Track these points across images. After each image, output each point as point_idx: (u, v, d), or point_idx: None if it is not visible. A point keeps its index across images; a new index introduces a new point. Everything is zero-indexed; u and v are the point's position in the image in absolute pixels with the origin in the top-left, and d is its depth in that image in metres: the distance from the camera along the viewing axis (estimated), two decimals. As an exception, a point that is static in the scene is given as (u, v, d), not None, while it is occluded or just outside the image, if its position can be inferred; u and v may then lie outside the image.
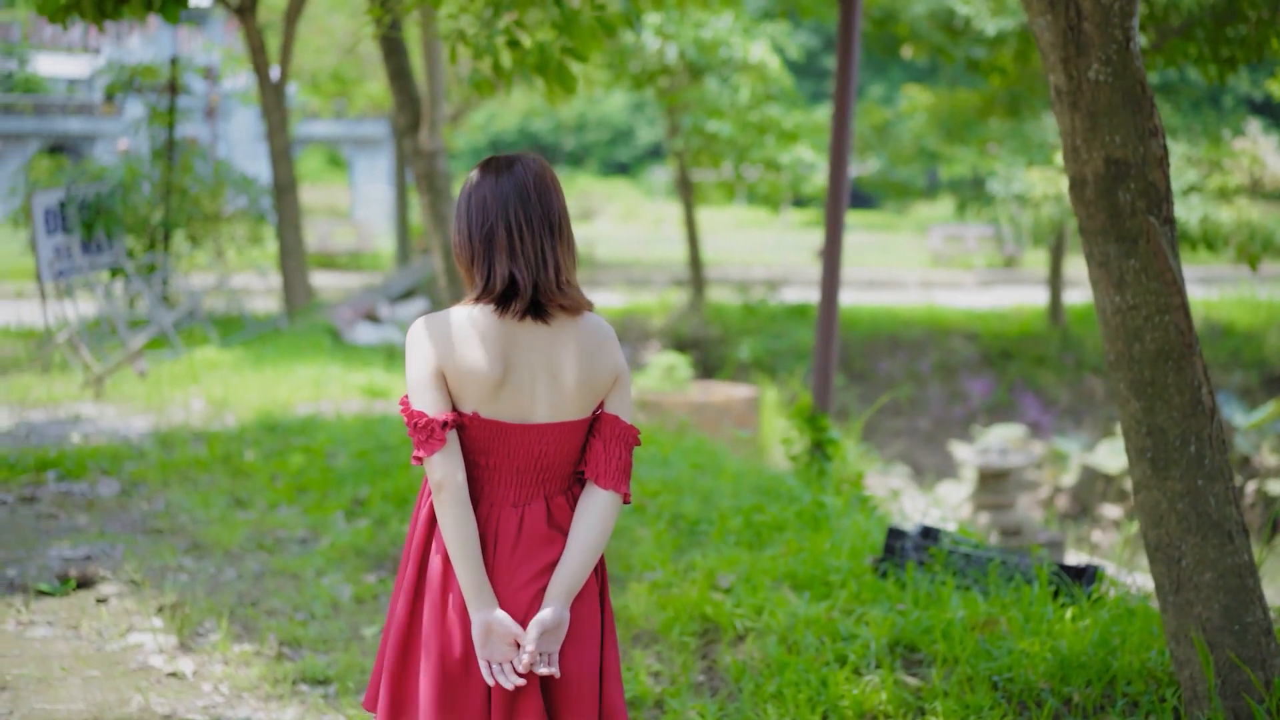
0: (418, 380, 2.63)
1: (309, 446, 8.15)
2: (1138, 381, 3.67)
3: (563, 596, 2.67)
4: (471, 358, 2.62)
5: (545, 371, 2.66)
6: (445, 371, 2.63)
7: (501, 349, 2.64)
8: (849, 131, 6.18)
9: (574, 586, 2.68)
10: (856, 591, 4.62)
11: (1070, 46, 3.67)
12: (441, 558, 2.70)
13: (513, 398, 2.65)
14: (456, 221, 2.73)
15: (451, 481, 2.61)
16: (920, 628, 4.25)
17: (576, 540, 2.69)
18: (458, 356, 2.62)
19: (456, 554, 2.62)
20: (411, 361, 2.65)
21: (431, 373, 2.63)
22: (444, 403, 2.63)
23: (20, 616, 5.29)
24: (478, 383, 2.63)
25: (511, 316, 2.64)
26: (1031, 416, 16.60)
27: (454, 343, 2.63)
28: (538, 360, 2.66)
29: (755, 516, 5.42)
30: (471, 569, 2.62)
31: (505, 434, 2.66)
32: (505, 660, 2.61)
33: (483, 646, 2.62)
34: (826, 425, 6.12)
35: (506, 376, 2.64)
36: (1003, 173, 14.99)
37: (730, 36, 13.56)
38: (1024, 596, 4.39)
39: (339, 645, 5.06)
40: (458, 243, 2.73)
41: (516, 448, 2.67)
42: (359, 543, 6.24)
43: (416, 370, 2.64)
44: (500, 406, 2.65)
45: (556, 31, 5.49)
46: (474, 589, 2.62)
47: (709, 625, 4.55)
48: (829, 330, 6.16)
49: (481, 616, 2.62)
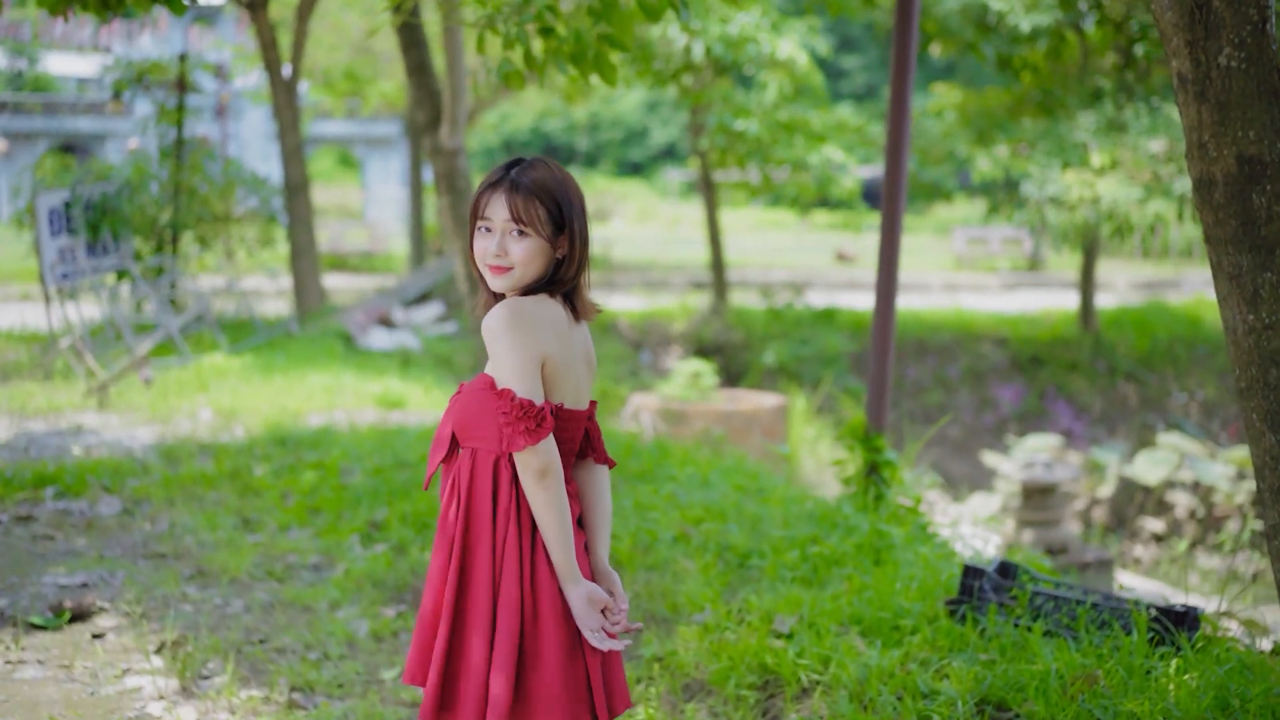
0: (522, 367, 2.69)
1: (322, 462, 7.70)
2: (1275, 412, 3.20)
3: (608, 561, 2.93)
4: (565, 346, 2.77)
5: (583, 360, 2.84)
6: (546, 360, 2.73)
7: (573, 338, 2.81)
8: (906, 131, 5.72)
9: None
10: (931, 638, 4.15)
11: (1198, 28, 3.20)
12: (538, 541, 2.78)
13: (577, 386, 2.82)
14: (576, 216, 2.81)
15: (557, 465, 2.70)
16: (1010, 683, 3.78)
17: (605, 512, 2.94)
18: (557, 345, 2.75)
19: (558, 534, 2.72)
20: (515, 349, 2.68)
21: (535, 360, 2.70)
22: (542, 391, 2.72)
23: (9, 654, 4.84)
24: (566, 370, 2.78)
25: (566, 306, 2.82)
26: (1064, 424, 16.11)
27: (554, 332, 2.75)
28: (580, 350, 2.83)
29: (810, 549, 4.95)
30: (570, 547, 2.74)
31: (576, 420, 2.84)
32: (599, 627, 2.75)
33: (586, 616, 2.74)
34: (883, 446, 5.65)
35: (575, 365, 2.81)
36: (1037, 174, 14.49)
37: (758, 33, 13.08)
38: (1124, 646, 3.91)
39: (356, 690, 4.61)
40: (577, 233, 2.81)
41: (575, 432, 2.85)
42: (376, 571, 5.78)
43: (521, 358, 2.69)
44: (578, 395, 2.83)
45: (593, 18, 5.02)
46: (571, 566, 2.74)
47: (769, 676, 4.08)
48: (885, 342, 5.70)
49: (581, 590, 2.74)
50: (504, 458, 2.75)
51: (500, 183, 2.78)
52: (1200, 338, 18.07)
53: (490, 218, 2.77)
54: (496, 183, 2.78)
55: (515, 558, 2.75)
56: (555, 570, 2.74)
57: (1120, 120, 14.73)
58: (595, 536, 2.90)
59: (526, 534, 2.76)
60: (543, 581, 2.75)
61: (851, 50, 47.79)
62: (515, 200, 2.74)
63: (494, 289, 2.80)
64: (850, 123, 16.59)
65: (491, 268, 2.76)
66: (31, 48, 36.32)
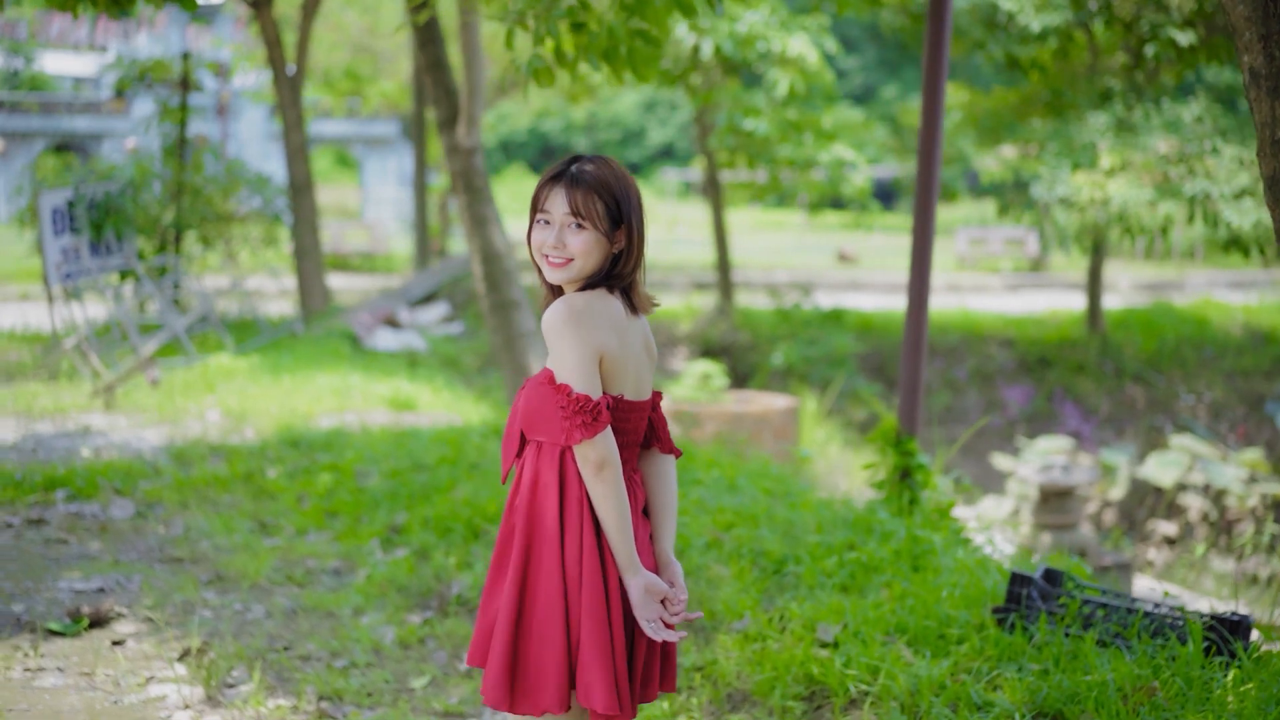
0: (580, 363, 2.73)
1: (336, 464, 7.59)
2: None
3: (672, 551, 2.95)
4: (623, 340, 2.80)
5: (643, 352, 2.88)
6: (604, 354, 2.77)
7: (631, 332, 2.84)
8: (939, 130, 5.61)
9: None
10: (980, 647, 4.05)
11: (1271, 21, 3.10)
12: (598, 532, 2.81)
13: (637, 378, 2.86)
14: (634, 212, 2.85)
15: (615, 458, 2.74)
16: (1066, 694, 3.68)
17: (670, 502, 2.97)
18: (615, 339, 2.78)
19: (617, 526, 2.76)
20: (573, 344, 2.73)
21: (593, 355, 2.74)
22: (600, 385, 2.76)
23: (28, 661, 4.73)
24: (625, 363, 2.81)
25: (624, 301, 2.85)
26: (1072, 426, 16.01)
27: (613, 327, 2.79)
28: (639, 342, 2.87)
29: (848, 555, 4.84)
30: (630, 538, 2.78)
31: (638, 411, 2.87)
32: (656, 618, 2.78)
33: (642, 607, 2.77)
34: (915, 450, 5.55)
35: (634, 357, 2.84)
36: (1047, 175, 14.38)
37: (768, 30, 12.97)
38: (1180, 656, 3.81)
39: (386, 699, 4.50)
40: (634, 228, 2.85)
41: (639, 424, 2.89)
42: (399, 577, 5.67)
43: (579, 353, 2.73)
44: (639, 386, 2.87)
45: (625, 12, 4.91)
46: (631, 556, 2.78)
47: (815, 687, 3.98)
48: (917, 344, 5.59)
49: (639, 580, 2.78)
50: (568, 450, 2.80)
51: (561, 177, 2.83)
52: (1207, 339, 18.00)
53: (549, 211, 2.82)
54: (557, 177, 2.83)
55: (577, 547, 2.80)
56: (615, 560, 2.79)
57: (1130, 121, 14.64)
58: (660, 526, 2.95)
59: (589, 524, 2.80)
60: (607, 570, 2.80)
61: (850, 50, 47.70)
62: (575, 194, 2.79)
63: (550, 281, 2.86)
64: (855, 121, 16.49)
65: (549, 261, 2.82)
66: (28, 47, 36.15)
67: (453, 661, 4.81)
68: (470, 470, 7.00)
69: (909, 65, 50.35)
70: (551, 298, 2.90)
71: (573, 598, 2.79)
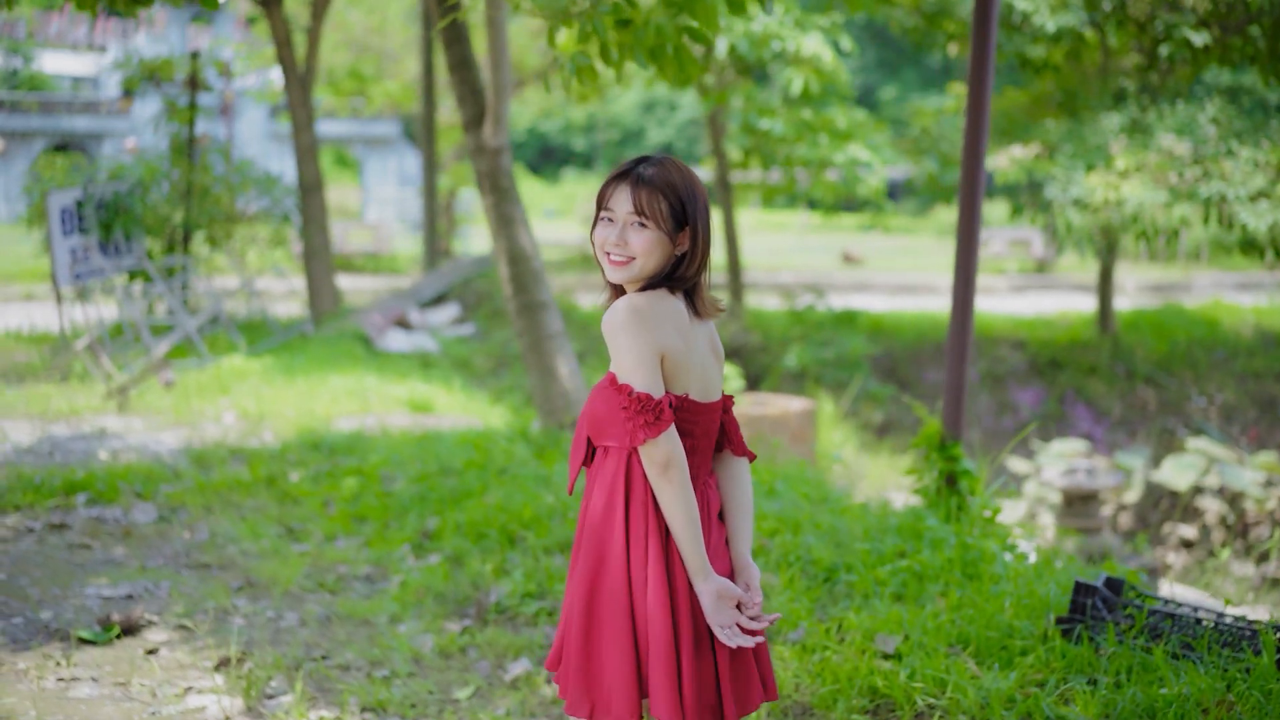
0: (640, 362, 2.68)
1: (361, 468, 7.48)
2: None
3: (750, 555, 2.89)
4: (686, 341, 2.75)
5: (710, 353, 2.83)
6: (665, 354, 2.72)
7: (695, 333, 2.79)
8: (984, 132, 5.51)
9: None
10: (1045, 659, 3.96)
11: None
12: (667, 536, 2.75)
13: (703, 378, 2.80)
14: (699, 214, 2.81)
15: (680, 457, 2.69)
16: (1140, 708, 3.59)
17: (746, 505, 2.90)
18: (677, 339, 2.73)
19: (685, 528, 2.70)
20: (634, 344, 2.69)
21: (654, 354, 2.69)
22: (662, 385, 2.71)
23: (61, 671, 4.63)
24: (688, 363, 2.76)
25: (687, 304, 2.81)
26: (1084, 428, 15.92)
27: (675, 327, 2.74)
28: (704, 344, 2.82)
29: (899, 563, 4.74)
30: (699, 542, 2.71)
31: (706, 413, 2.81)
32: (731, 623, 2.70)
33: (715, 613, 2.70)
34: (960, 455, 5.44)
35: (698, 357, 2.79)
36: (1060, 176, 14.28)
37: (782, 29, 12.87)
38: (1255, 669, 3.72)
39: (430, 710, 4.39)
40: (699, 231, 2.81)
41: (710, 426, 2.83)
42: (434, 584, 5.56)
43: (639, 352, 2.69)
44: (705, 387, 2.81)
45: (674, 10, 4.81)
46: (700, 560, 2.71)
47: (879, 700, 3.88)
48: (962, 347, 5.49)
49: (711, 585, 2.71)
50: (635, 454, 2.76)
51: (626, 175, 2.82)
52: (1219, 341, 17.91)
53: (613, 209, 2.81)
54: (622, 175, 2.82)
55: (642, 551, 2.75)
56: (685, 565, 2.74)
57: (1144, 122, 14.55)
58: (735, 529, 2.89)
59: (655, 529, 2.76)
60: (674, 576, 2.75)
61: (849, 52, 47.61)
62: (639, 193, 2.77)
63: (611, 280, 2.84)
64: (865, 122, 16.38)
65: (610, 259, 2.80)
66: (26, 46, 35.99)
67: (496, 672, 4.71)
68: (499, 475, 6.90)
69: (908, 67, 50.29)
70: (614, 297, 2.88)
71: (638, 605, 2.75)
